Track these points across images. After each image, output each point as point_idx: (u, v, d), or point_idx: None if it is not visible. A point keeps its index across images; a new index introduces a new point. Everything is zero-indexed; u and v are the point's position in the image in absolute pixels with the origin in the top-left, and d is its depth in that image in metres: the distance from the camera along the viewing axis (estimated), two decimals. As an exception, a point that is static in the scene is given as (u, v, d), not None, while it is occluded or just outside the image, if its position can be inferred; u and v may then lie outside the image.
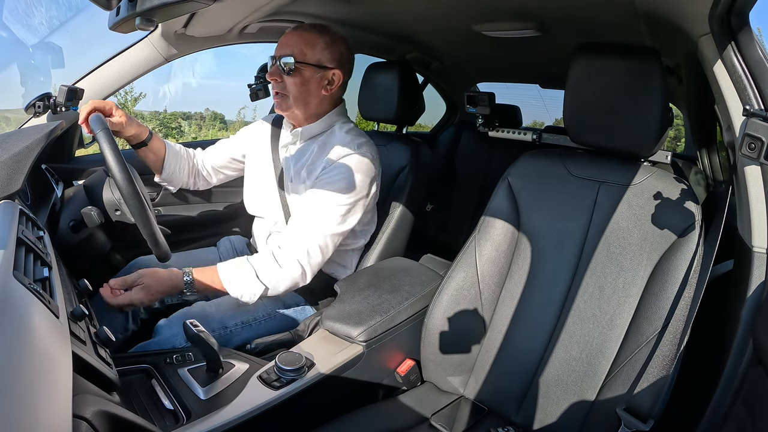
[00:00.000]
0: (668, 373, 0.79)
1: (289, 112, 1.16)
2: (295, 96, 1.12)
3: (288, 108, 1.14)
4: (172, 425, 0.73)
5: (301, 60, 1.09)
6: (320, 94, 1.14)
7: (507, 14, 1.25)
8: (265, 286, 1.04)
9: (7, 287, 0.47)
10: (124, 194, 0.85)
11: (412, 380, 1.08)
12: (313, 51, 1.10)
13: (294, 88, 1.10)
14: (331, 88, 1.15)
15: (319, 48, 1.10)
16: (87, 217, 0.97)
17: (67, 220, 0.99)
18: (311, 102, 1.14)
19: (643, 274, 0.90)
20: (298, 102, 1.12)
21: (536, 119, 4.10)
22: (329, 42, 1.12)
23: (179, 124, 6.80)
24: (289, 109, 1.14)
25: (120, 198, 0.98)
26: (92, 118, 0.92)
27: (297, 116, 1.17)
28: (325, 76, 1.12)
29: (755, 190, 0.77)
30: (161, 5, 0.56)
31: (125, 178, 0.84)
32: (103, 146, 0.84)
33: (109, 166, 0.84)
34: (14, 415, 0.33)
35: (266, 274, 1.04)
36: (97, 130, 0.87)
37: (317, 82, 1.12)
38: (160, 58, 1.27)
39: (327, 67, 1.12)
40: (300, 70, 1.09)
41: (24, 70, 1.83)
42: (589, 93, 0.96)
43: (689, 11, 0.83)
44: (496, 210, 1.07)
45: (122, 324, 1.15)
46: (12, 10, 3.55)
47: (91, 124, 0.90)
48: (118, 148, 0.86)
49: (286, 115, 1.19)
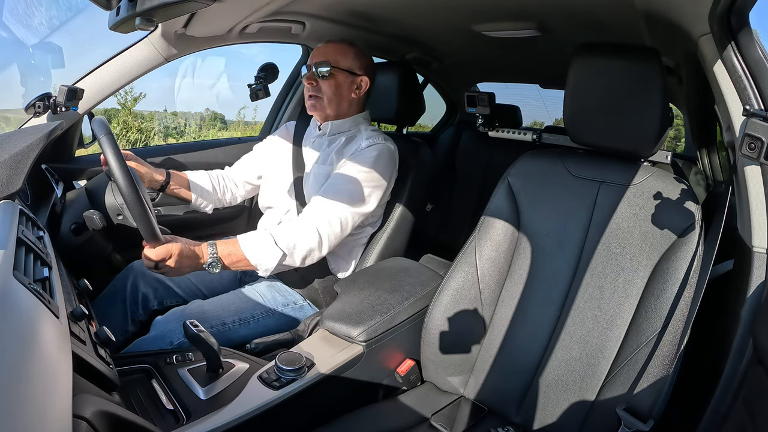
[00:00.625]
0: (668, 373, 0.79)
1: (320, 112, 1.28)
2: (329, 97, 1.25)
3: (321, 108, 1.27)
4: (172, 425, 0.73)
5: (336, 66, 1.23)
6: (350, 96, 1.28)
7: (507, 14, 1.25)
8: (282, 251, 1.05)
9: (7, 287, 0.47)
10: (126, 199, 0.85)
11: (412, 380, 1.08)
12: (345, 59, 1.24)
13: (329, 90, 1.24)
14: (360, 92, 1.29)
15: (350, 57, 1.25)
16: (89, 220, 0.97)
17: (68, 223, 0.99)
18: (343, 103, 1.27)
19: (643, 274, 0.90)
20: (331, 102, 1.26)
21: (536, 119, 4.11)
22: (358, 53, 1.27)
23: (179, 124, 6.80)
24: (323, 110, 1.27)
25: (122, 203, 0.98)
26: (95, 121, 0.92)
27: (328, 115, 1.29)
28: (355, 81, 1.27)
29: (755, 190, 0.77)
30: (161, 5, 0.56)
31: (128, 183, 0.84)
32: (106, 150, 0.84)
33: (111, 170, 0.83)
34: (14, 414, 0.33)
35: (283, 239, 1.06)
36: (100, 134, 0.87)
37: (348, 86, 1.26)
38: (160, 58, 1.27)
39: (357, 73, 1.26)
40: (334, 75, 1.23)
41: (24, 70, 1.83)
42: (589, 93, 0.96)
43: (689, 11, 0.83)
44: (496, 210, 1.07)
45: (122, 325, 1.15)
46: (12, 10, 3.55)
47: (94, 127, 0.90)
48: (121, 153, 0.86)
49: (317, 115, 1.30)
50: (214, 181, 1.38)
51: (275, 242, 1.05)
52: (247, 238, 1.05)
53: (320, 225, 1.10)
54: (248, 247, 1.03)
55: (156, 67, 1.29)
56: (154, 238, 0.90)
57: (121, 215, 1.00)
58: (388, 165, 1.22)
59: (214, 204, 1.39)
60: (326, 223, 1.10)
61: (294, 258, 1.08)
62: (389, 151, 1.23)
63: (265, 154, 1.41)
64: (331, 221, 1.11)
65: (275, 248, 1.05)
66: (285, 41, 1.56)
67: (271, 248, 1.04)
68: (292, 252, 1.07)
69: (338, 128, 1.30)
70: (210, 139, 3.54)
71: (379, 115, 1.60)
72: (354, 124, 1.31)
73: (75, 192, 1.09)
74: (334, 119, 1.30)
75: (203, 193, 1.34)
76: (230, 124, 7.05)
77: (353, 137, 1.28)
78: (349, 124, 1.30)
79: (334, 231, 1.12)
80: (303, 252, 1.08)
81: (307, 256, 1.10)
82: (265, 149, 1.43)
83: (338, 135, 1.30)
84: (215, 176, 1.40)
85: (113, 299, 1.17)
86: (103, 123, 0.90)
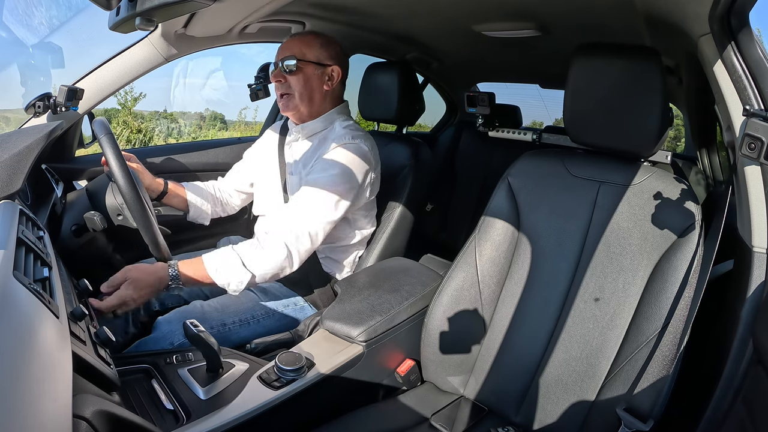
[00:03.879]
0: (668, 373, 0.79)
1: (294, 111, 1.22)
2: (300, 93, 1.18)
3: (294, 107, 1.20)
4: (172, 425, 0.72)
5: (302, 59, 1.16)
6: (322, 89, 1.21)
7: (507, 14, 1.25)
8: (251, 273, 1.02)
9: (7, 287, 0.47)
10: (126, 200, 0.85)
11: (412, 380, 1.08)
12: (311, 50, 1.18)
13: (298, 85, 1.17)
14: (332, 83, 1.22)
15: (317, 47, 1.19)
16: (90, 221, 0.97)
17: (69, 224, 0.99)
18: (315, 97, 1.21)
19: (643, 274, 0.90)
20: (303, 98, 1.19)
21: (536, 119, 4.11)
22: (325, 42, 1.21)
23: (179, 124, 6.80)
24: (295, 108, 1.20)
25: (122, 203, 0.98)
26: (96, 121, 0.92)
27: (302, 114, 1.22)
28: (325, 72, 1.20)
29: (755, 190, 0.77)
30: (161, 5, 0.56)
31: (128, 183, 0.84)
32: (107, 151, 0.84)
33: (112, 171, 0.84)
34: (14, 414, 0.33)
35: (251, 259, 1.03)
36: (101, 134, 0.87)
37: (318, 78, 1.19)
38: (160, 58, 1.27)
39: (326, 64, 1.20)
40: (302, 69, 1.17)
41: (24, 70, 1.83)
42: (589, 93, 0.96)
43: (689, 11, 0.83)
44: (496, 210, 1.07)
45: (122, 327, 1.15)
46: (12, 10, 3.55)
47: (95, 128, 0.90)
48: (122, 154, 0.86)
49: (292, 114, 1.24)
50: (210, 193, 1.38)
51: (243, 264, 1.02)
52: (212, 259, 1.02)
53: (289, 241, 1.05)
54: (214, 270, 1.01)
55: (156, 67, 1.29)
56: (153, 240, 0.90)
57: (121, 215, 1.00)
58: (358, 166, 1.15)
59: (211, 215, 1.38)
60: (294, 239, 1.06)
61: (264, 277, 1.05)
62: (359, 151, 1.15)
63: (253, 161, 1.39)
64: (300, 236, 1.06)
65: (243, 270, 1.01)
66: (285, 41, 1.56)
67: (238, 270, 1.01)
68: (262, 274, 1.04)
69: (312, 130, 1.24)
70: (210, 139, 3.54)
71: (379, 115, 1.60)
72: (327, 122, 1.24)
73: (75, 193, 1.09)
74: (308, 118, 1.23)
75: (198, 208, 1.34)
76: (230, 124, 7.05)
77: (325, 137, 1.21)
78: (322, 123, 1.23)
79: (303, 246, 1.07)
80: (273, 271, 1.05)
81: (278, 274, 1.06)
82: (253, 156, 1.40)
83: (312, 137, 1.24)
84: (211, 188, 1.39)
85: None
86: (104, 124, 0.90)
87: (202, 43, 1.33)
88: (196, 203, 1.33)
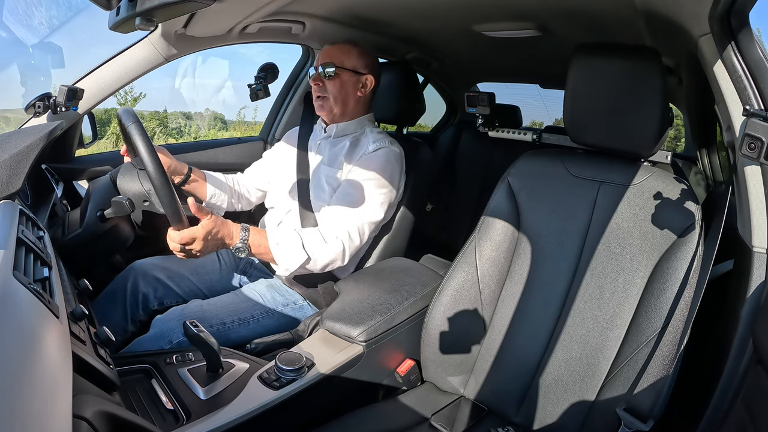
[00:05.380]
0: (668, 373, 0.79)
1: (328, 112, 1.30)
2: (335, 96, 1.27)
3: (329, 109, 1.28)
4: (172, 425, 0.73)
5: (340, 66, 1.25)
6: (356, 95, 1.29)
7: (507, 14, 1.25)
8: (308, 255, 1.07)
9: (7, 287, 0.47)
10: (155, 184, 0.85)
11: (412, 380, 1.08)
12: (349, 59, 1.27)
13: (334, 89, 1.26)
14: (365, 90, 1.31)
15: (354, 57, 1.28)
16: (118, 206, 0.99)
17: (94, 210, 1.01)
18: (349, 102, 1.29)
19: (643, 274, 0.90)
20: (337, 101, 1.27)
21: (536, 119, 4.11)
22: (361, 52, 1.30)
23: (179, 124, 6.81)
24: (330, 110, 1.28)
25: (150, 189, 1.00)
26: (121, 110, 0.91)
27: (335, 115, 1.30)
28: (360, 80, 1.29)
29: (755, 190, 0.77)
30: (161, 5, 0.56)
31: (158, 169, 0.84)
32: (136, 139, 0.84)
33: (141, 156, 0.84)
34: (15, 415, 0.33)
35: (312, 245, 1.08)
36: (129, 122, 0.87)
37: (353, 84, 1.28)
38: (160, 58, 1.27)
39: (361, 72, 1.28)
40: (339, 75, 1.26)
41: (24, 70, 1.83)
42: (589, 93, 0.96)
43: (689, 11, 0.83)
44: (496, 210, 1.07)
45: (121, 325, 1.15)
46: (12, 10, 3.55)
47: (122, 116, 0.89)
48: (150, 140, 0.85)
49: (324, 115, 1.31)
50: (231, 185, 1.40)
51: (303, 245, 1.06)
52: (275, 234, 1.06)
53: (343, 236, 1.11)
54: (276, 244, 1.05)
55: (156, 67, 1.29)
56: (179, 222, 0.90)
57: (147, 201, 1.03)
58: (396, 169, 1.24)
59: (227, 206, 1.40)
60: (347, 234, 1.12)
61: (316, 264, 1.09)
62: (396, 155, 1.24)
63: (273, 160, 1.43)
64: (351, 233, 1.13)
65: (302, 251, 1.06)
66: (285, 41, 1.56)
67: (297, 250, 1.06)
68: (316, 258, 1.08)
69: (343, 130, 1.31)
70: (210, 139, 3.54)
71: (379, 115, 1.60)
72: (359, 126, 1.32)
73: (98, 180, 1.11)
74: (340, 119, 1.31)
75: (218, 194, 1.36)
76: (230, 124, 7.05)
77: (359, 139, 1.29)
78: (354, 126, 1.31)
79: (354, 243, 1.13)
80: (326, 260, 1.10)
81: (328, 265, 1.11)
82: (273, 155, 1.45)
83: (343, 137, 1.31)
84: (231, 180, 1.42)
85: (113, 299, 1.17)
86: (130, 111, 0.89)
87: (202, 43, 1.33)
88: (216, 191, 1.36)
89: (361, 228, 1.15)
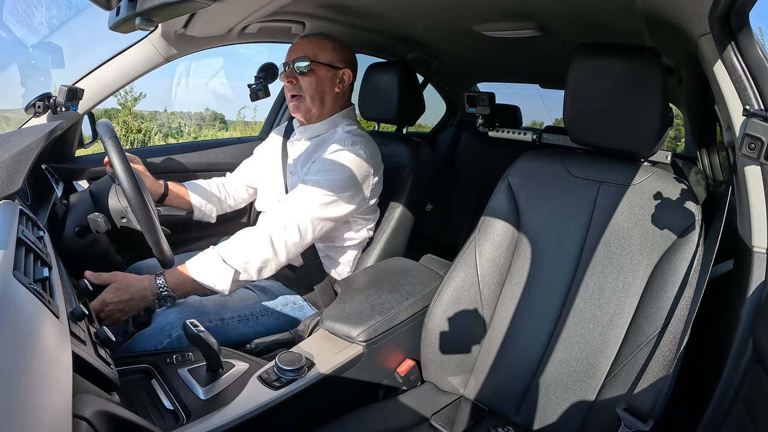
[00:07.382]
0: (668, 373, 0.79)
1: (304, 113, 1.23)
2: (311, 95, 1.19)
3: (306, 109, 1.21)
4: (172, 425, 0.72)
5: (315, 60, 1.17)
6: (333, 91, 1.22)
7: (507, 14, 1.25)
8: (232, 268, 1.02)
9: (7, 287, 0.47)
10: (131, 203, 0.85)
11: (412, 380, 1.08)
12: (324, 52, 1.19)
13: (310, 87, 1.18)
14: (343, 86, 1.23)
15: (329, 50, 1.19)
16: (93, 223, 0.97)
17: (72, 225, 0.99)
18: (326, 100, 1.21)
19: (643, 274, 0.90)
20: (314, 100, 1.20)
21: (536, 119, 4.11)
22: (337, 45, 1.22)
23: (179, 124, 6.81)
24: (307, 110, 1.22)
25: (126, 206, 0.98)
26: (100, 123, 0.92)
27: (312, 115, 1.23)
28: (337, 75, 1.21)
29: (755, 190, 0.77)
30: (161, 5, 0.56)
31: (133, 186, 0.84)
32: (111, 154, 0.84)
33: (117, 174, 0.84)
34: (14, 414, 0.33)
35: (231, 255, 1.03)
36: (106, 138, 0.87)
37: (330, 80, 1.20)
38: (160, 58, 1.27)
39: (338, 66, 1.20)
40: (314, 70, 1.17)
41: (24, 70, 1.83)
42: (589, 93, 0.96)
43: (689, 11, 0.83)
44: (496, 210, 1.07)
45: (122, 326, 1.15)
46: (12, 10, 3.55)
47: (99, 130, 0.90)
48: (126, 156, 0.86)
49: (301, 116, 1.25)
50: (213, 190, 1.38)
51: (224, 261, 1.02)
52: (194, 262, 1.03)
53: (274, 232, 1.05)
54: (197, 272, 1.01)
55: (156, 67, 1.29)
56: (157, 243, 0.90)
57: (125, 218, 1.00)
58: (355, 170, 1.14)
59: (217, 212, 1.39)
60: (281, 229, 1.06)
61: (249, 272, 1.04)
62: (356, 156, 1.15)
63: (261, 158, 1.41)
64: (288, 227, 1.06)
65: (225, 267, 1.01)
66: (285, 41, 1.56)
67: (220, 268, 1.01)
68: (245, 267, 1.03)
69: (316, 131, 1.26)
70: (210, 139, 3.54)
71: (379, 115, 1.60)
72: (331, 126, 1.25)
73: (78, 194, 1.09)
74: (318, 120, 1.24)
75: (204, 203, 1.34)
76: (230, 124, 7.05)
77: (325, 140, 1.22)
78: (327, 125, 1.25)
79: (291, 238, 1.06)
80: (257, 264, 1.04)
81: (263, 268, 1.05)
82: (261, 152, 1.43)
83: (314, 139, 1.26)
84: (215, 184, 1.40)
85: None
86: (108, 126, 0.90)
87: (202, 43, 1.33)
88: (199, 202, 1.34)
89: (303, 224, 1.07)
